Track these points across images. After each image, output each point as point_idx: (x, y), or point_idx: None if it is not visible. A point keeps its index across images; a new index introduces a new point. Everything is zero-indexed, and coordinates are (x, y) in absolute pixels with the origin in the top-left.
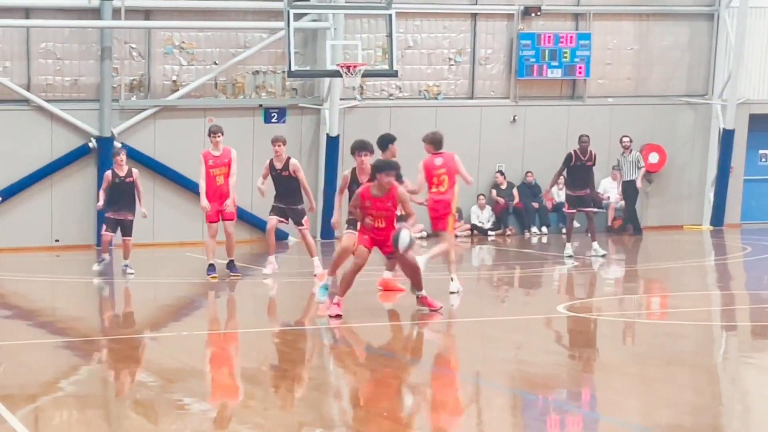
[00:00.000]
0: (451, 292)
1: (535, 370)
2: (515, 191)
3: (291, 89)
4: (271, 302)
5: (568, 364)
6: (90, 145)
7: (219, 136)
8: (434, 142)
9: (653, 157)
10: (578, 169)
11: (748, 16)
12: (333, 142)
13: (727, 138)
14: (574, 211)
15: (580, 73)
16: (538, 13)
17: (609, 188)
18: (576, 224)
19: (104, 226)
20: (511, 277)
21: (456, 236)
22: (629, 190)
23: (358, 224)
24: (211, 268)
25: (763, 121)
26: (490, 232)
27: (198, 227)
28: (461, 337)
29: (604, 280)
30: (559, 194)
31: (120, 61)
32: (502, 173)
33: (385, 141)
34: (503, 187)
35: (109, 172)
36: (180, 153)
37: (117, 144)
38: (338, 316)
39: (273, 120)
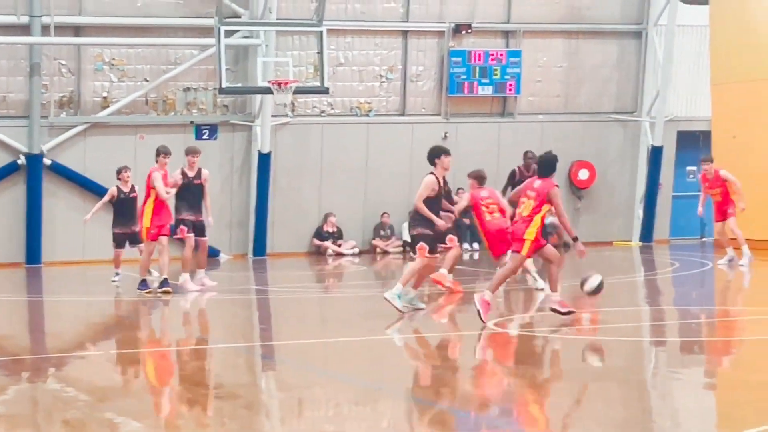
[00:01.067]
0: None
1: (466, 386)
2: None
3: (222, 106)
4: (202, 319)
5: (498, 380)
6: (19, 162)
7: (166, 158)
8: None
9: (583, 174)
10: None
11: (675, 35)
12: (264, 159)
13: (655, 155)
14: None
15: (510, 90)
16: (469, 31)
17: None
18: None
19: (113, 243)
20: (443, 294)
21: (387, 252)
22: None
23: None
24: (144, 283)
25: (690, 138)
26: None
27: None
28: (392, 353)
29: (535, 295)
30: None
31: (49, 77)
32: None
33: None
34: None
35: (114, 188)
36: (110, 170)
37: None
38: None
39: (204, 137)
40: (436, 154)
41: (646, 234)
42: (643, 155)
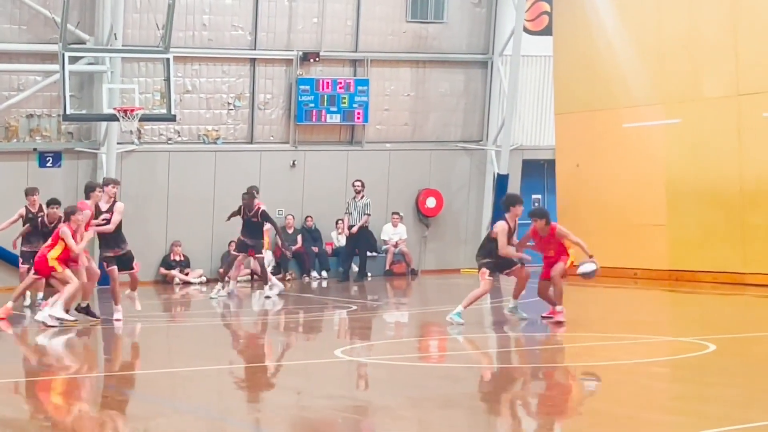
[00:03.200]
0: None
1: (313, 415)
2: (299, 236)
3: (67, 133)
4: (46, 350)
5: (345, 409)
6: None
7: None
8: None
9: (430, 202)
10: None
11: (520, 65)
12: None
13: (501, 183)
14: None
15: (358, 118)
16: (317, 59)
17: (393, 234)
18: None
19: (21, 260)
20: (291, 322)
21: (236, 281)
22: (360, 236)
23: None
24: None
25: (535, 166)
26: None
27: None
28: (240, 383)
29: (384, 324)
30: (339, 239)
31: None
32: (293, 217)
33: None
34: (290, 231)
35: (23, 209)
36: None
37: None
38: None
39: (48, 164)
40: (511, 202)
41: None
42: (489, 183)
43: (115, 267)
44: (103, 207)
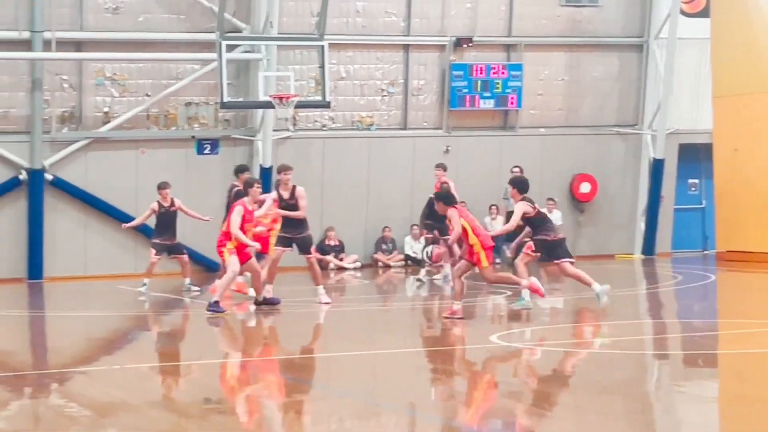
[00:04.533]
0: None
1: (467, 400)
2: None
3: (224, 120)
4: (202, 334)
5: (502, 395)
6: (20, 177)
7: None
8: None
9: (585, 187)
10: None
11: (676, 47)
12: (266, 173)
13: (657, 167)
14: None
15: (512, 103)
16: (470, 44)
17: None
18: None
19: (153, 251)
20: (445, 308)
21: (388, 266)
22: None
23: None
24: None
25: (692, 151)
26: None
27: (131, 260)
28: (395, 369)
29: (537, 309)
30: (492, 224)
31: (51, 92)
32: None
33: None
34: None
35: (155, 203)
36: (112, 185)
37: None
38: None
39: (206, 151)
40: None
41: (648, 247)
42: (645, 168)
43: (284, 249)
44: (285, 195)
